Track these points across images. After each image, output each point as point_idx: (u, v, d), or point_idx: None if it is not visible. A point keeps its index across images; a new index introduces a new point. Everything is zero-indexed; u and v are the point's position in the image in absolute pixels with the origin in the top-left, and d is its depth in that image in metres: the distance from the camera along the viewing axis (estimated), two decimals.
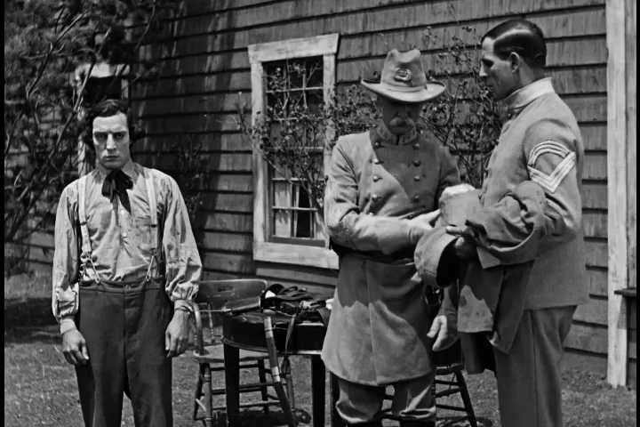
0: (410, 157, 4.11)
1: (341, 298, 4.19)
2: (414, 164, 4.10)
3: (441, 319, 3.92)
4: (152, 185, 4.31)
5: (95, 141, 4.22)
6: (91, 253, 4.25)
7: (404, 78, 4.07)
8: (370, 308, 4.09)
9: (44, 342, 8.45)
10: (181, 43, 10.52)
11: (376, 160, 4.12)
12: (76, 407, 6.26)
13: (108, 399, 4.25)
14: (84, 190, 4.29)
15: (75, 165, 11.09)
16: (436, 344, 3.93)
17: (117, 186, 4.25)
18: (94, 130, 4.21)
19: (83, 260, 4.27)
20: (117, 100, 4.30)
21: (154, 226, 4.28)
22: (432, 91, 4.13)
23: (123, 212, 4.24)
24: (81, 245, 4.27)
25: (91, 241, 4.25)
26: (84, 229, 4.26)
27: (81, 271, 4.27)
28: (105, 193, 4.25)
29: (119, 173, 4.27)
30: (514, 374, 3.46)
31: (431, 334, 3.94)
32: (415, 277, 4.02)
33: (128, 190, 4.26)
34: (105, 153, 4.21)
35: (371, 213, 4.10)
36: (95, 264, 4.24)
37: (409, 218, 4.05)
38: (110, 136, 4.19)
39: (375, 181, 4.10)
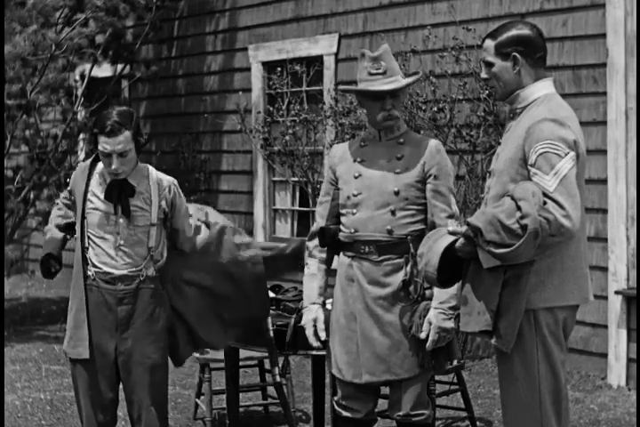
0: (393, 152, 4.11)
1: (335, 296, 4.21)
2: (397, 158, 4.09)
3: (430, 319, 3.94)
4: (156, 189, 4.25)
5: (100, 156, 4.14)
6: (87, 249, 4.22)
7: (380, 71, 4.08)
8: (357, 306, 4.09)
9: (43, 341, 8.44)
10: (182, 43, 10.52)
11: (359, 159, 4.15)
12: (76, 407, 6.25)
13: (97, 396, 4.23)
14: (93, 182, 4.24)
15: (75, 165, 11.07)
16: (428, 344, 3.95)
17: (120, 196, 4.17)
18: (99, 147, 4.09)
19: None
20: (121, 112, 4.11)
21: (153, 225, 4.23)
22: (408, 78, 4.16)
23: (122, 220, 4.19)
24: (82, 235, 4.23)
25: (89, 237, 4.22)
26: (85, 222, 4.23)
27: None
28: (107, 199, 4.19)
29: (123, 182, 4.19)
30: (517, 374, 3.46)
31: (422, 335, 3.96)
32: (401, 277, 4.02)
33: (130, 199, 4.19)
34: (109, 170, 4.13)
35: (353, 211, 4.09)
36: (92, 261, 4.21)
37: (392, 211, 4.04)
38: (114, 156, 4.08)
39: (355, 178, 4.12)
